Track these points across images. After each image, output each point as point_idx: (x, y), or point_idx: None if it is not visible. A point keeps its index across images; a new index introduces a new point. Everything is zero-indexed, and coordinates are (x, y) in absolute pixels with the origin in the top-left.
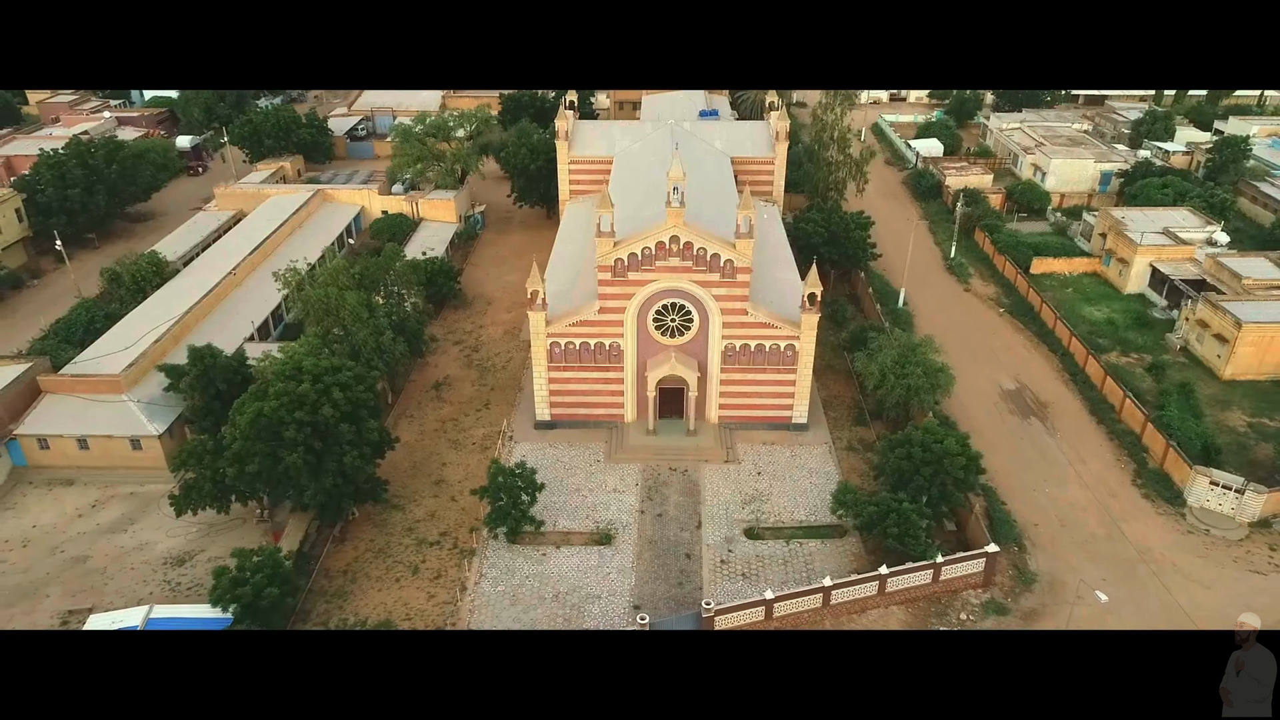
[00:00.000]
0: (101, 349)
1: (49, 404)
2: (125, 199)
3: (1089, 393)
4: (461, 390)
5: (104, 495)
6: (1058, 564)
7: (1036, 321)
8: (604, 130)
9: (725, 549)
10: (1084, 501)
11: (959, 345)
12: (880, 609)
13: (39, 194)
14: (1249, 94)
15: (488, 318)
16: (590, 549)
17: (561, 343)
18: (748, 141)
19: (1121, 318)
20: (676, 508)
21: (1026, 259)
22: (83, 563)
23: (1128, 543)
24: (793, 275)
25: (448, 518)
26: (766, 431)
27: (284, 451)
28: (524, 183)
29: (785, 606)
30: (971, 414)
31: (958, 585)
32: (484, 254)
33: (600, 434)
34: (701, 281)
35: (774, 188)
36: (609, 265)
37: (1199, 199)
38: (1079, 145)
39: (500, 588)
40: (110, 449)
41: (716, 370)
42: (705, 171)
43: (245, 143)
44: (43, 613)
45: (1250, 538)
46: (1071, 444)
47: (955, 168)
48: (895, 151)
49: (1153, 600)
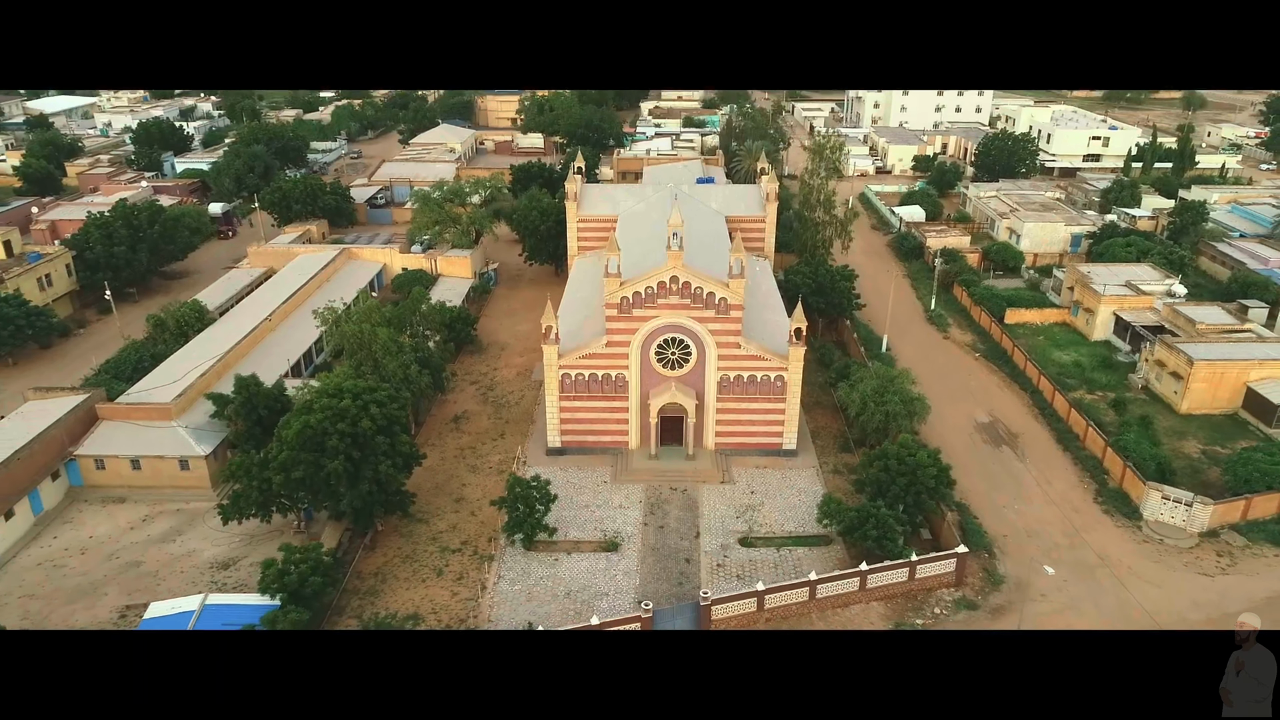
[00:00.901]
0: (150, 383)
1: (105, 429)
2: (164, 257)
3: (1056, 424)
4: (478, 423)
5: (153, 511)
6: (1024, 568)
7: (1009, 364)
8: (609, 193)
9: (721, 555)
10: (1049, 516)
11: (937, 385)
12: (862, 604)
13: (87, 251)
14: (1212, 165)
15: (501, 361)
16: (598, 555)
17: (572, 374)
18: (740, 202)
19: (1088, 360)
20: (677, 520)
21: (1001, 310)
22: (136, 567)
23: (1089, 550)
24: (782, 318)
25: (468, 529)
26: (759, 457)
27: (326, 460)
28: (534, 242)
29: (775, 599)
30: (948, 443)
31: (932, 584)
32: (497, 307)
33: (606, 459)
34: (699, 317)
35: (765, 244)
36: (615, 303)
37: (1159, 256)
38: (1051, 210)
39: (517, 587)
40: (160, 469)
41: (713, 399)
42: (702, 227)
43: (275, 207)
44: (103, 608)
45: (1200, 546)
46: (1039, 468)
47: (936, 230)
48: (881, 218)
49: (1110, 598)
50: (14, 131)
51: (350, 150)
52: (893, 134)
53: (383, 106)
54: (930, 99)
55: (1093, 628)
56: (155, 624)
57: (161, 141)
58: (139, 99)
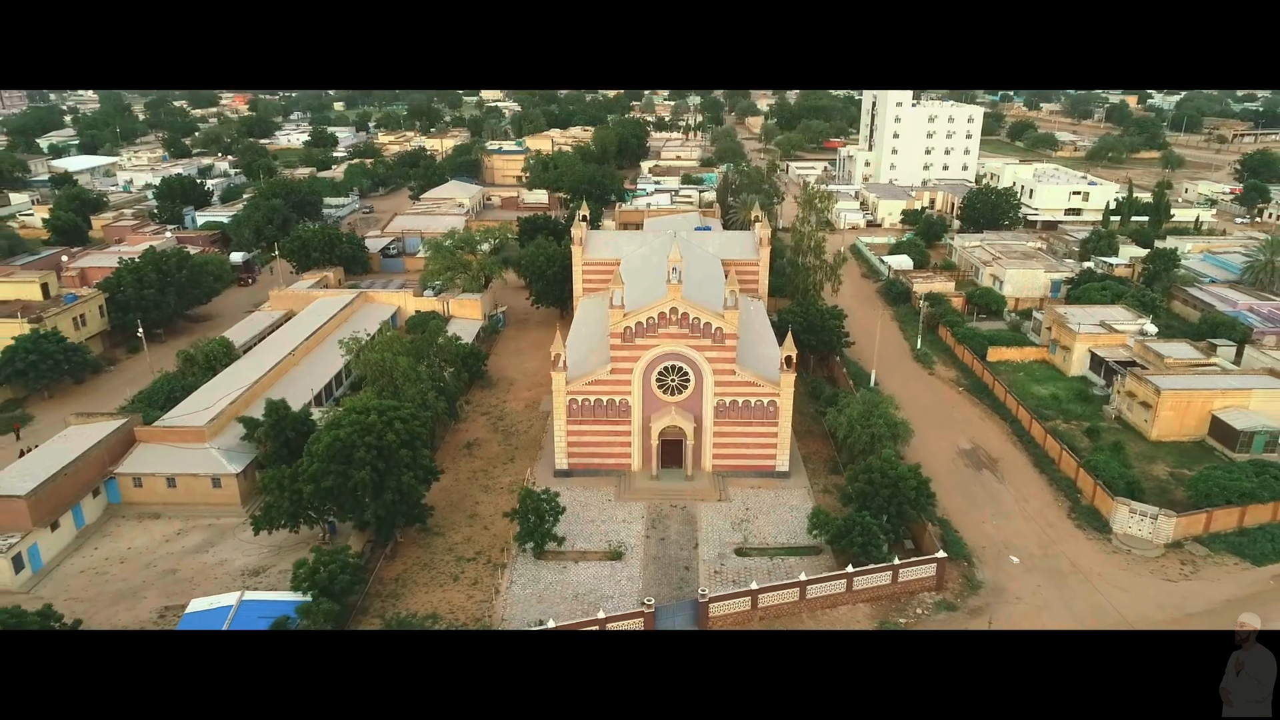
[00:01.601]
0: (183, 410)
1: (142, 451)
2: (190, 301)
3: (1033, 449)
4: (489, 449)
5: (187, 526)
6: (1001, 575)
7: (990, 397)
8: (612, 238)
9: (718, 563)
10: (1026, 530)
11: (922, 416)
12: (849, 605)
13: (119, 293)
14: (1187, 218)
15: (510, 395)
16: (604, 563)
17: (579, 399)
18: (736, 246)
19: (1065, 394)
20: (677, 533)
21: (983, 348)
22: (173, 574)
23: (1062, 559)
24: (774, 350)
25: (481, 541)
26: (754, 478)
27: (353, 470)
28: (541, 286)
29: (768, 598)
30: (932, 467)
31: (914, 587)
32: (505, 346)
33: (610, 480)
34: (696, 346)
35: (759, 285)
36: (620, 332)
37: (1132, 298)
38: (1032, 258)
39: (528, 591)
40: (194, 487)
41: (710, 423)
42: (699, 268)
43: (294, 256)
44: (143, 609)
45: (1165, 555)
46: (1016, 488)
47: (922, 277)
48: (871, 267)
49: (1081, 601)
50: (40, 188)
51: (363, 205)
52: (882, 190)
53: (393, 164)
54: (919, 157)
55: (1063, 627)
56: (195, 619)
57: (183, 196)
58: (158, 158)
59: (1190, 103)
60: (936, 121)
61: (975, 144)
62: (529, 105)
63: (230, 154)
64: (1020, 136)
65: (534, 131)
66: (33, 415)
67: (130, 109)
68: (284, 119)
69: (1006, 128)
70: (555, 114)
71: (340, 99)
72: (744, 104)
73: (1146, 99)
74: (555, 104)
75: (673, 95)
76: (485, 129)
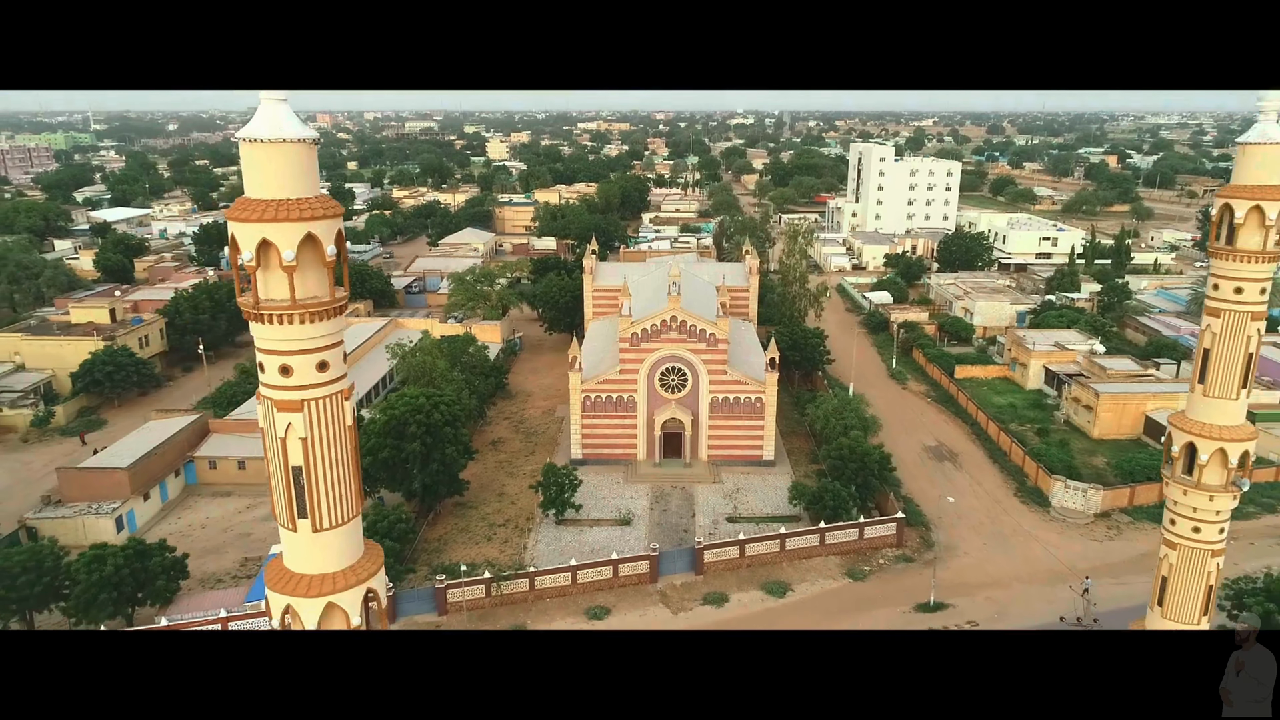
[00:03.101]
0: (249, 408)
1: (215, 439)
2: (237, 327)
3: (989, 445)
4: (512, 445)
5: (255, 502)
6: (952, 537)
7: (956, 406)
8: (619, 268)
9: (712, 527)
10: (977, 505)
11: (894, 420)
12: (821, 557)
13: (176, 318)
14: (1147, 260)
15: (529, 404)
16: (615, 528)
17: (592, 396)
18: (728, 275)
19: (1021, 403)
20: (677, 506)
21: (951, 367)
22: (247, 536)
23: (1005, 525)
24: (761, 360)
25: (509, 512)
26: (743, 466)
27: (406, 444)
28: (554, 314)
29: (753, 548)
30: (901, 460)
31: (877, 543)
32: (523, 366)
33: (619, 467)
34: (693, 349)
35: (749, 309)
36: (628, 337)
37: (1085, 324)
38: (1000, 293)
39: (551, 548)
40: (261, 468)
41: (705, 417)
42: (695, 289)
43: None
44: (227, 560)
45: (1094, 522)
46: (972, 475)
47: (900, 309)
48: (854, 303)
49: (1018, 554)
50: (80, 236)
51: (383, 251)
52: (868, 236)
53: (410, 215)
54: (902, 208)
55: (1002, 574)
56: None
57: (219, 240)
58: (187, 210)
59: (1165, 161)
60: (918, 175)
61: (954, 195)
62: (534, 163)
63: None
64: (1002, 191)
65: (541, 187)
66: (106, 420)
67: (155, 167)
68: None
69: (989, 184)
70: (560, 171)
71: (353, 159)
72: (740, 162)
73: (1126, 158)
74: (560, 162)
75: (672, 154)
76: (495, 184)
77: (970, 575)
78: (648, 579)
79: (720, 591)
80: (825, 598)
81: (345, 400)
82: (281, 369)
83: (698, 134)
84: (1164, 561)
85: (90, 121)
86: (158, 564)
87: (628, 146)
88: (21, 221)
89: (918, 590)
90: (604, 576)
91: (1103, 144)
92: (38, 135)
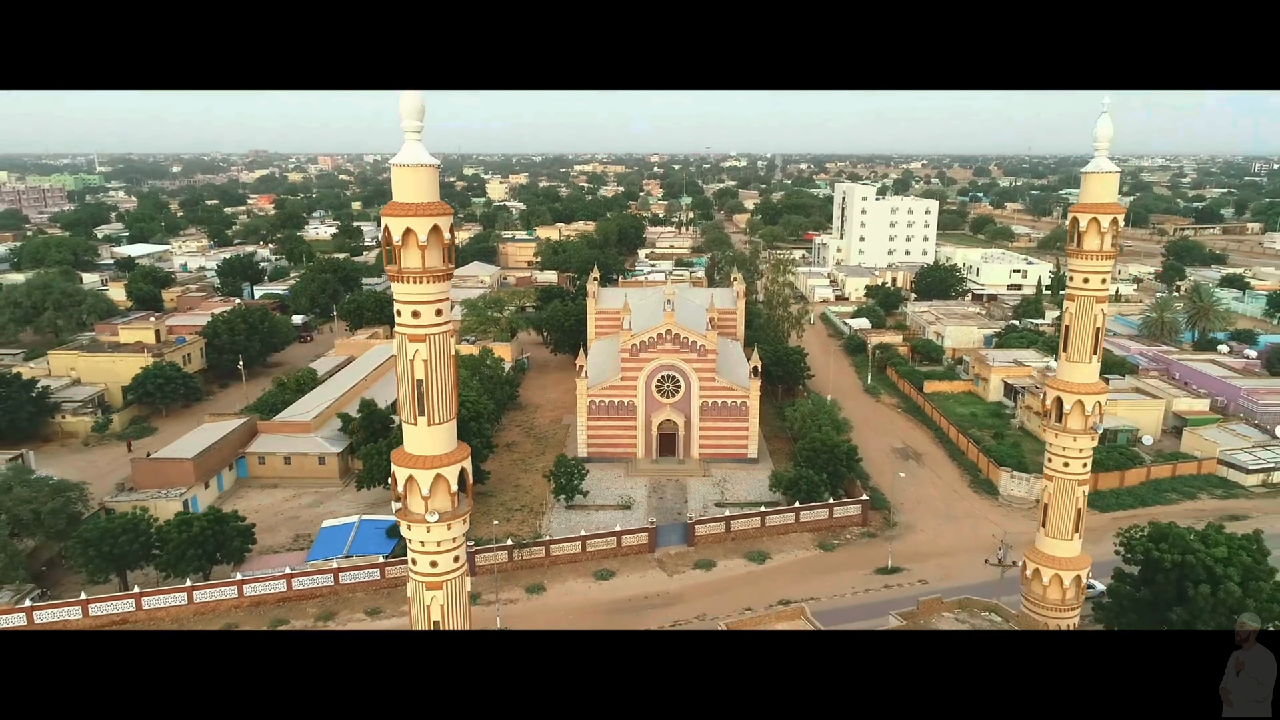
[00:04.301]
0: (289, 413)
1: (263, 438)
2: (270, 348)
3: (950, 447)
4: (524, 448)
5: (299, 492)
6: (912, 519)
7: (923, 415)
8: (619, 293)
9: (702, 510)
10: (935, 494)
11: (866, 427)
12: (797, 533)
13: (215, 339)
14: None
15: (538, 414)
16: (618, 511)
17: (597, 400)
18: (718, 298)
19: (982, 412)
20: (671, 495)
21: (921, 382)
22: (295, 519)
23: (958, 509)
24: (745, 370)
25: (525, 499)
26: (730, 463)
27: None
28: (559, 336)
29: (738, 524)
30: (871, 458)
31: (845, 522)
32: (531, 383)
33: (620, 464)
34: (685, 359)
35: (736, 330)
36: (628, 348)
37: (1043, 344)
38: (969, 319)
39: (563, 526)
40: (304, 463)
41: (696, 419)
42: (687, 309)
43: (350, 316)
44: (281, 537)
45: (1036, 506)
46: (933, 470)
47: (877, 333)
48: (836, 329)
49: (966, 532)
50: (105, 270)
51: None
52: (851, 270)
53: None
54: (884, 243)
55: (951, 546)
56: (327, 532)
57: (241, 273)
58: (205, 246)
59: (1140, 201)
60: (898, 213)
61: (933, 231)
62: (534, 203)
63: (269, 243)
64: (982, 229)
65: (541, 224)
66: (156, 427)
67: (168, 206)
68: (308, 215)
69: (969, 222)
70: (560, 210)
71: (358, 199)
72: (732, 202)
73: None
74: (559, 202)
75: (666, 195)
76: (497, 222)
77: (924, 547)
78: (646, 549)
79: (709, 559)
80: (799, 564)
81: (449, 337)
82: (413, 313)
83: (691, 176)
84: (1045, 492)
85: (95, 164)
86: (233, 529)
87: (623, 187)
88: (52, 256)
89: (878, 559)
90: (609, 546)
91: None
92: (47, 176)
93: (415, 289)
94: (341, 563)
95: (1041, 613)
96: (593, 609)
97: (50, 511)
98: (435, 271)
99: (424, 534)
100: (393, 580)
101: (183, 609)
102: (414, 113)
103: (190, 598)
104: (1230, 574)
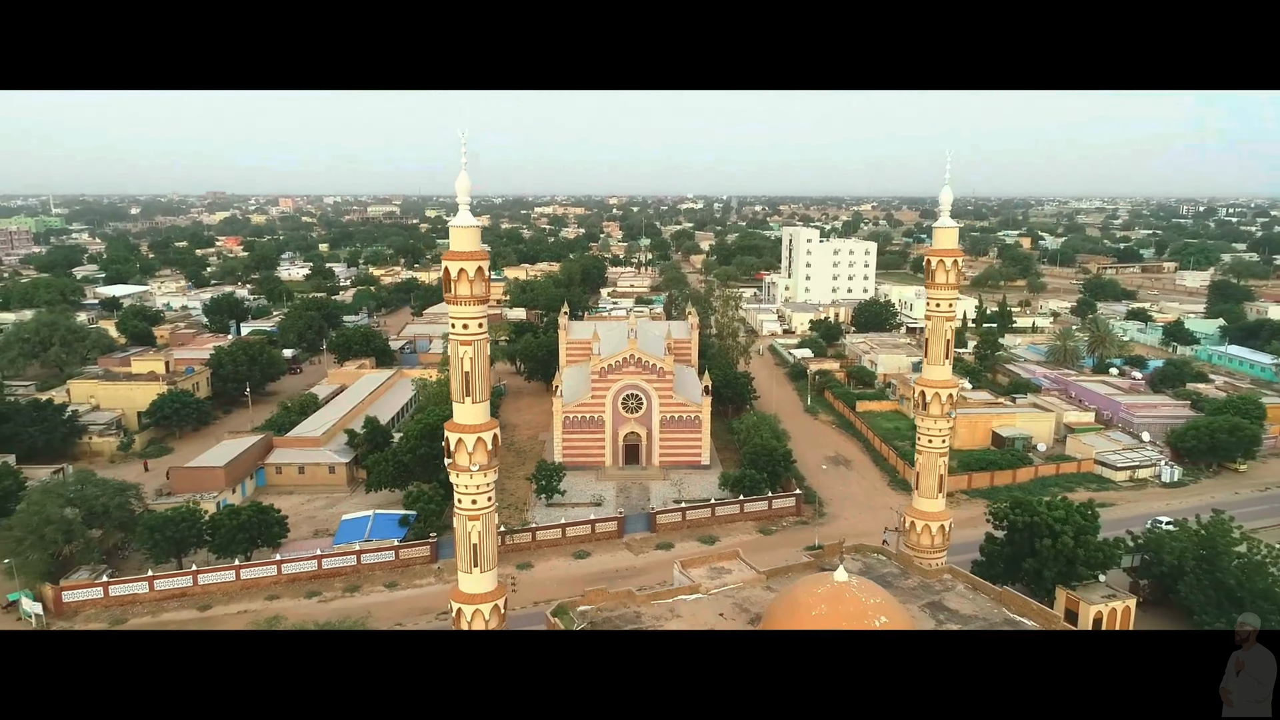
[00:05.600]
0: (299, 430)
1: (279, 451)
2: (268, 378)
3: (875, 455)
4: (505, 459)
5: (313, 496)
6: (838, 510)
7: (854, 430)
8: (589, 325)
9: (662, 505)
10: (859, 491)
11: (804, 439)
12: (741, 521)
13: (219, 370)
14: (1027, 324)
15: (516, 432)
16: (590, 507)
17: (571, 416)
18: (674, 329)
19: (905, 427)
20: (636, 495)
21: (854, 403)
22: (313, 518)
23: (877, 503)
24: (699, 389)
25: (509, 499)
26: (686, 469)
27: (436, 443)
28: (532, 365)
29: (693, 513)
30: (807, 465)
31: (781, 512)
32: (508, 406)
33: (592, 471)
34: (647, 380)
35: (691, 357)
36: (598, 371)
37: (962, 369)
38: (899, 348)
39: (544, 520)
40: (316, 472)
41: (657, 431)
42: (648, 338)
43: (337, 349)
44: (304, 531)
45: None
46: (859, 474)
47: (817, 360)
48: (782, 359)
49: (881, 520)
50: (90, 310)
51: (371, 320)
52: (797, 306)
53: (391, 290)
54: (828, 282)
55: (867, 530)
56: (347, 524)
57: (228, 311)
58: (184, 287)
59: (1070, 243)
60: (840, 254)
61: (872, 270)
62: (499, 244)
63: (246, 283)
64: (921, 269)
65: (507, 265)
66: (172, 448)
67: (139, 248)
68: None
69: (910, 262)
70: (524, 251)
71: (324, 240)
72: (689, 244)
73: (1039, 240)
74: (523, 243)
75: (625, 237)
76: None
77: (846, 531)
78: (616, 534)
79: (668, 541)
80: (743, 545)
81: (485, 342)
82: (463, 325)
83: (649, 218)
84: (918, 462)
85: (51, 205)
86: (272, 518)
87: (584, 229)
88: (41, 296)
89: (808, 540)
90: (585, 532)
91: (1023, 227)
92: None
93: (466, 309)
94: (363, 546)
95: (917, 554)
96: (572, 580)
97: (116, 506)
98: (479, 298)
99: (468, 480)
100: (405, 561)
101: (231, 584)
102: (464, 191)
103: (238, 575)
104: (1066, 530)
